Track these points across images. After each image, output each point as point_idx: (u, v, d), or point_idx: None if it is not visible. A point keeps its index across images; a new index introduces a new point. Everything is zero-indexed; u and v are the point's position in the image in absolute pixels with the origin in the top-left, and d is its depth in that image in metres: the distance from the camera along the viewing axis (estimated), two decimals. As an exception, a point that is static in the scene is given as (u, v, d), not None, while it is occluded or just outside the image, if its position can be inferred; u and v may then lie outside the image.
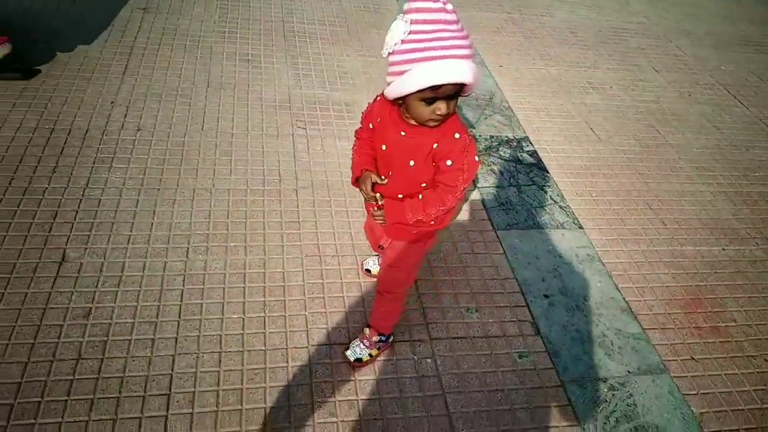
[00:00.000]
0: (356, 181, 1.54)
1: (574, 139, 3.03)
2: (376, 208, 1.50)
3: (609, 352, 1.98)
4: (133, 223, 2.13)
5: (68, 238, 2.04)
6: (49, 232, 2.05)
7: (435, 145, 1.35)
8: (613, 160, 2.93)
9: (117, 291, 1.90)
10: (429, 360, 1.87)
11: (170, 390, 1.67)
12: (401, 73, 1.21)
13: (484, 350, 1.93)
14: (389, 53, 1.23)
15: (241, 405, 1.66)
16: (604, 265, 2.31)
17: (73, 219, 2.11)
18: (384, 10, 4.01)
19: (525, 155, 2.82)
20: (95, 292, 1.89)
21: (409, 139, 1.37)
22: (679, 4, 5.02)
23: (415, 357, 1.87)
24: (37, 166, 2.29)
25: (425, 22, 1.17)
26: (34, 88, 2.69)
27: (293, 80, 3.09)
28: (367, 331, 1.81)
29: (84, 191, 2.22)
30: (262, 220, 2.24)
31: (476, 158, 1.39)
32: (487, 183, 2.61)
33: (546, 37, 4.05)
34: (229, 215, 2.23)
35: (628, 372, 1.93)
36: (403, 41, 1.19)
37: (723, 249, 2.48)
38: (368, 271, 2.09)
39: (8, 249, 1.97)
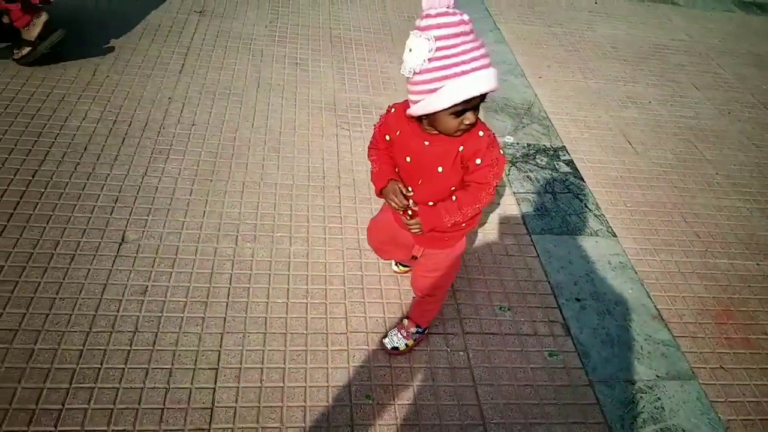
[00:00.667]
0: (381, 193, 1.54)
1: (611, 151, 3.07)
2: (408, 218, 1.52)
3: (638, 356, 2.02)
4: (187, 210, 2.27)
5: (128, 221, 2.18)
6: (110, 214, 2.20)
7: (461, 148, 1.38)
8: (649, 172, 2.96)
9: (171, 272, 2.03)
10: (462, 353, 1.95)
11: (218, 365, 1.78)
12: (431, 91, 1.22)
13: (515, 347, 1.99)
14: (414, 73, 1.23)
15: (283, 383, 1.77)
16: (636, 273, 2.35)
17: (132, 204, 2.26)
18: (427, 20, 4.11)
19: (561, 164, 2.88)
20: (151, 271, 2.02)
21: (435, 148, 1.39)
22: (722, 22, 5.01)
23: (449, 349, 1.95)
24: (100, 154, 2.46)
25: (449, 37, 1.18)
26: (98, 83, 2.87)
27: (338, 84, 3.22)
28: (405, 321, 1.90)
29: (143, 179, 2.37)
30: (306, 213, 2.36)
31: (500, 152, 1.42)
32: (523, 189, 2.68)
33: (586, 51, 4.10)
34: (275, 207, 2.36)
35: (657, 376, 1.97)
36: (429, 59, 1.19)
37: (757, 264, 2.50)
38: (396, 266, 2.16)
39: (73, 228, 2.12)
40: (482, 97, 1.26)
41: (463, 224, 1.57)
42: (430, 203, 1.49)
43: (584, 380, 1.93)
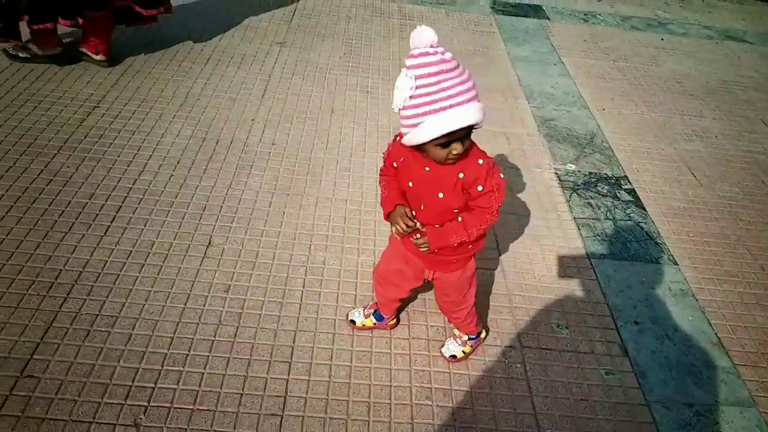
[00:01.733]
0: (389, 217, 1.60)
1: (674, 182, 3.10)
2: (417, 236, 1.58)
3: (697, 381, 2.04)
4: (266, 220, 2.48)
5: (214, 227, 2.41)
6: (199, 221, 2.43)
7: (461, 175, 1.45)
8: (713, 204, 2.96)
9: (251, 273, 2.22)
10: (519, 365, 2.03)
11: (291, 359, 1.94)
12: (414, 125, 1.32)
13: (572, 363, 2.05)
14: (400, 109, 1.34)
15: (350, 379, 1.90)
16: (697, 300, 2.36)
17: (218, 212, 2.48)
18: (492, 53, 4.29)
19: (623, 193, 2.93)
20: (233, 272, 2.22)
21: (434, 174, 1.47)
22: (796, 60, 4.93)
23: (506, 361, 2.03)
24: (191, 167, 2.72)
25: (428, 75, 1.27)
26: (189, 105, 3.18)
27: (406, 111, 3.40)
28: (456, 331, 2.00)
29: (228, 191, 2.61)
30: (373, 228, 2.52)
31: (501, 176, 1.49)
32: (584, 215, 2.75)
33: (651, 85, 4.14)
34: (345, 221, 2.53)
35: (716, 401, 1.98)
36: (410, 97, 1.29)
37: (827, 299, 2.46)
38: (353, 322, 2.06)
39: (167, 231, 2.36)
40: (468, 129, 1.35)
41: (470, 245, 1.64)
42: (436, 226, 1.56)
43: (641, 400, 1.96)
